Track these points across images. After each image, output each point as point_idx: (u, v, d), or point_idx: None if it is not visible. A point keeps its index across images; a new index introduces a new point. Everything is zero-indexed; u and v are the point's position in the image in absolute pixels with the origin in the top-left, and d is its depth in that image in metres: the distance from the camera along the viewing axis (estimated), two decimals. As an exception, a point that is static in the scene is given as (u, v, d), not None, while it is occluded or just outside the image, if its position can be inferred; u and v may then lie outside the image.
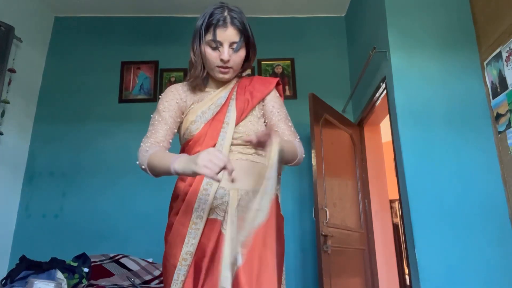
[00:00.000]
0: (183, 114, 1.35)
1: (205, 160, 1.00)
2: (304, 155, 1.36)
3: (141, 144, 1.28)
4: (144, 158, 1.22)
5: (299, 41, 3.84)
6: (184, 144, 1.35)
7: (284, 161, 1.24)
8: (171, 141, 1.32)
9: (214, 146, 1.25)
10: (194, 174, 1.04)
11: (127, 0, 3.70)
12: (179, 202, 1.25)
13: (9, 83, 3.13)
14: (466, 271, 2.16)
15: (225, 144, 1.25)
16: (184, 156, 1.10)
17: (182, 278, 1.17)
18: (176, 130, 1.35)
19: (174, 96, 1.35)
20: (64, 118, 3.56)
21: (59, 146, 3.47)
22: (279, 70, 3.74)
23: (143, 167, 1.23)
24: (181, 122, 1.36)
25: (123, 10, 3.85)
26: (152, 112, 1.36)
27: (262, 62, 3.72)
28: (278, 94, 1.43)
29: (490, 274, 2.15)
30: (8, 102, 3.08)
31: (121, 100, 3.65)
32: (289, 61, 3.76)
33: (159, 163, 1.15)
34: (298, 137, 1.38)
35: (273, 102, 1.38)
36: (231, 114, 1.30)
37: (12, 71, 3.14)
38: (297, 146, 1.32)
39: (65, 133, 3.51)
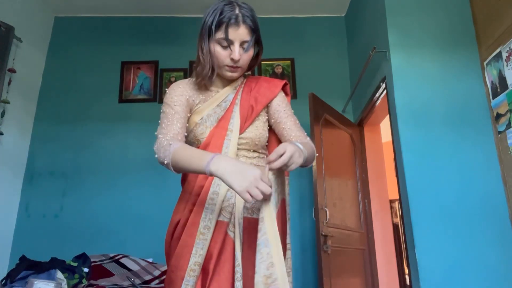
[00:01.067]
0: (190, 112, 1.31)
1: (251, 186, 0.96)
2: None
3: (159, 136, 1.19)
4: (167, 153, 1.11)
5: (299, 41, 3.83)
6: None
7: (304, 165, 1.18)
8: (186, 134, 1.27)
9: None
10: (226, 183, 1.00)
11: (127, 0, 3.70)
12: (187, 212, 1.22)
13: (9, 83, 3.13)
14: (466, 271, 2.16)
15: (229, 152, 1.23)
16: (224, 157, 1.03)
17: None
18: (186, 126, 1.29)
19: (183, 92, 1.30)
20: (64, 118, 3.56)
21: (59, 146, 3.47)
22: (279, 70, 3.74)
23: (165, 161, 1.12)
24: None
25: (123, 10, 3.85)
26: (158, 111, 1.30)
27: (262, 62, 3.72)
28: (283, 94, 1.40)
29: (490, 274, 2.15)
30: (8, 102, 3.08)
31: (121, 100, 3.65)
32: (289, 61, 3.76)
33: (189, 159, 1.07)
34: (305, 133, 1.35)
35: (279, 101, 1.36)
36: (235, 120, 1.27)
37: (12, 71, 3.14)
38: (312, 145, 1.28)
39: (65, 133, 3.51)
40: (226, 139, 1.25)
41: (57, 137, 3.50)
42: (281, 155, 1.05)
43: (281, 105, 1.35)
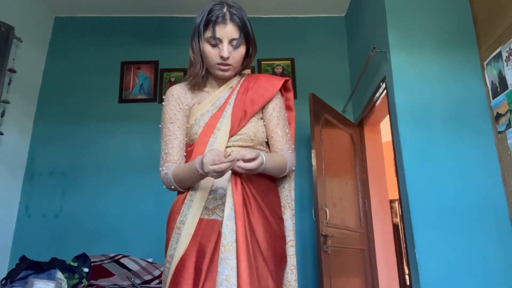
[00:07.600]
0: (187, 117, 1.34)
1: (211, 168, 1.08)
2: (294, 168, 1.36)
3: (160, 169, 1.30)
4: (169, 181, 1.25)
5: (299, 41, 3.83)
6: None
7: (270, 174, 1.27)
8: (185, 154, 1.33)
9: (203, 152, 1.23)
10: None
11: (127, 0, 3.70)
12: (173, 207, 1.30)
13: (9, 83, 3.13)
14: (466, 271, 2.16)
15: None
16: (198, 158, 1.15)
17: (165, 281, 1.19)
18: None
19: (176, 102, 1.33)
20: (64, 118, 3.56)
21: (59, 146, 3.47)
22: (279, 70, 3.74)
23: (172, 187, 1.26)
24: None
25: (123, 10, 3.85)
26: (158, 111, 1.36)
27: (262, 62, 3.72)
28: (280, 95, 1.40)
29: (490, 274, 2.15)
30: (8, 102, 3.08)
31: (121, 100, 3.65)
32: (289, 61, 3.76)
33: (185, 174, 1.20)
34: (293, 146, 1.36)
35: (274, 104, 1.36)
36: (225, 120, 1.27)
37: (12, 71, 3.14)
38: (287, 159, 1.30)
39: (65, 133, 3.51)
40: (212, 137, 1.26)
41: (57, 137, 3.50)
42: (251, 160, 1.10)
43: (275, 109, 1.35)
